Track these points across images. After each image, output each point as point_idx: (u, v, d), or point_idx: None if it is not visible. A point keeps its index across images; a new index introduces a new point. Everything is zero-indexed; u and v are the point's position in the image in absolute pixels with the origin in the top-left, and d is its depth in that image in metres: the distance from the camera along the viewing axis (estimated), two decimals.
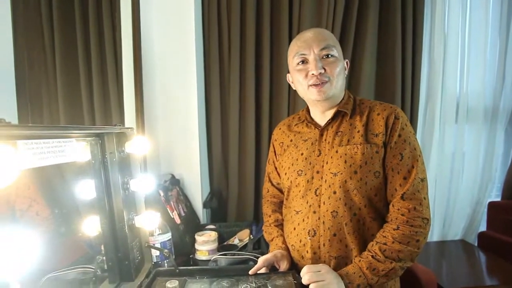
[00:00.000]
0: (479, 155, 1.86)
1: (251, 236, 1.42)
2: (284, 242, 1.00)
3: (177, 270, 0.91)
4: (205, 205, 1.64)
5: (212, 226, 1.49)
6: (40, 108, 1.13)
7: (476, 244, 1.92)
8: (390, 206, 0.86)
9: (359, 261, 0.82)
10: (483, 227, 1.95)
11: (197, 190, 1.60)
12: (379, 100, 0.91)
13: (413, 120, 1.72)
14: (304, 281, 0.78)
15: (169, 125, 1.57)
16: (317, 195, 0.89)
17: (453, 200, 1.88)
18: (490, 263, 1.70)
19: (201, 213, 1.61)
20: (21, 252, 0.97)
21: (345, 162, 0.86)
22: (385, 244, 0.81)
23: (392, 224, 0.83)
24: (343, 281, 0.79)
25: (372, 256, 0.81)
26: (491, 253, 1.76)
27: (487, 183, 1.87)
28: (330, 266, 0.86)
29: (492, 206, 1.93)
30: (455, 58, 1.80)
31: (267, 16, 1.65)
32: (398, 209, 0.83)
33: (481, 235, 1.91)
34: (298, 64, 0.90)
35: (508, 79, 1.84)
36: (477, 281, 1.56)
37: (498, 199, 1.98)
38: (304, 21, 1.63)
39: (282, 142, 1.05)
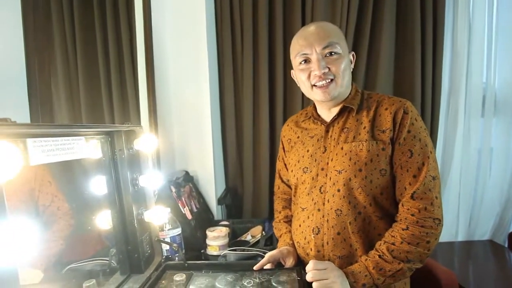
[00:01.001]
0: (508, 151, 1.73)
1: (263, 232, 1.43)
2: (291, 238, 0.99)
3: (186, 264, 0.94)
4: (219, 201, 1.66)
5: (225, 222, 1.52)
6: (50, 108, 1.20)
7: (506, 245, 1.80)
8: (400, 206, 0.83)
9: (366, 260, 0.80)
10: None
11: (211, 187, 1.63)
12: (397, 93, 0.87)
13: (434, 114, 1.63)
14: (308, 278, 0.78)
15: (183, 123, 1.60)
16: (321, 193, 0.87)
17: (480, 198, 1.77)
18: None
19: (215, 210, 1.64)
20: (45, 245, 1.04)
21: (350, 159, 0.84)
22: (393, 244, 0.78)
23: (402, 224, 0.80)
24: (348, 280, 0.77)
25: (379, 256, 0.79)
26: None
27: None
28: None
29: None
30: (481, 45, 1.67)
31: (280, 11, 1.63)
32: (408, 209, 0.80)
33: (511, 236, 1.78)
34: (300, 63, 0.88)
35: None
36: (507, 285, 1.46)
37: None
38: (318, 14, 1.60)
39: (290, 139, 1.05)
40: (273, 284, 0.80)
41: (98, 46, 1.55)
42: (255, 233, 1.45)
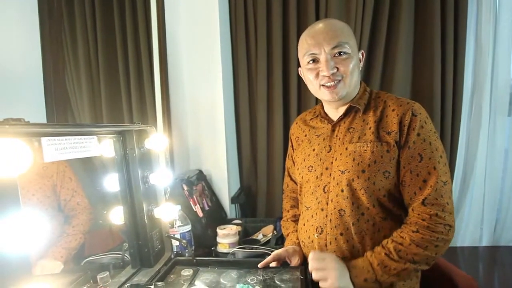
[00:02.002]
0: None
1: (274, 231, 1.43)
2: (298, 237, 0.99)
3: (194, 260, 0.96)
4: (233, 200, 1.69)
5: (238, 221, 1.53)
6: (65, 108, 1.27)
7: None
8: (410, 210, 0.80)
9: (371, 255, 0.78)
10: None
11: (224, 186, 1.65)
12: (415, 92, 0.82)
13: (456, 112, 1.56)
14: (310, 268, 0.78)
15: (197, 123, 1.64)
16: (325, 192, 0.87)
17: (506, 201, 1.67)
18: None
19: (228, 208, 1.66)
20: (66, 238, 1.10)
21: (354, 160, 0.82)
22: (401, 244, 0.76)
23: (412, 226, 0.77)
24: (350, 273, 0.77)
25: (386, 254, 0.77)
26: None
27: None
28: None
29: None
30: (507, 39, 1.58)
31: (294, 11, 1.63)
32: (419, 214, 0.77)
33: None
34: (308, 63, 0.86)
35: None
36: None
37: None
38: (332, 12, 1.59)
39: (298, 137, 1.04)
40: (276, 282, 0.80)
41: (118, 49, 1.63)
42: (266, 232, 1.46)
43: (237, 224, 1.45)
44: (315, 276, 0.77)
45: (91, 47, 1.61)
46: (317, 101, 1.68)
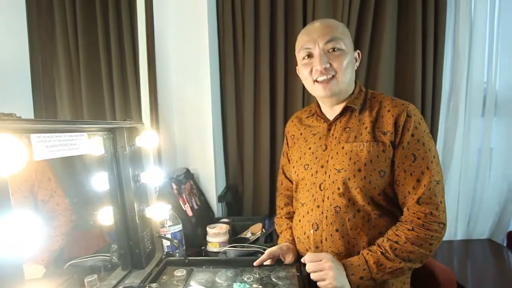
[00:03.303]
0: (508, 151, 1.74)
1: (263, 229, 1.44)
2: (292, 235, 1.00)
3: (187, 260, 0.95)
4: (220, 199, 1.67)
5: (225, 220, 1.53)
6: (54, 104, 1.21)
7: (505, 244, 1.80)
8: (405, 209, 0.83)
9: (367, 254, 0.80)
10: None
11: (212, 184, 1.64)
12: (398, 91, 0.86)
13: (434, 113, 1.64)
14: (307, 269, 0.80)
15: (184, 121, 1.61)
16: (321, 190, 0.88)
17: (479, 197, 1.77)
18: None
19: (216, 207, 1.65)
20: (46, 240, 1.05)
21: (350, 159, 0.84)
22: (397, 242, 0.79)
23: (407, 224, 0.80)
24: (346, 271, 0.78)
25: (382, 253, 0.79)
26: None
27: None
28: None
29: None
30: (482, 45, 1.67)
31: (281, 9, 1.64)
32: (414, 213, 0.80)
33: (510, 235, 1.79)
34: (303, 58, 0.88)
35: None
36: (506, 284, 1.46)
37: None
38: (319, 12, 1.61)
39: (293, 135, 1.05)
40: (273, 279, 0.81)
41: (100, 43, 1.55)
42: (255, 230, 1.46)
43: (225, 223, 1.44)
44: (313, 277, 0.79)
45: (71, 41, 1.53)
46: (304, 100, 1.70)
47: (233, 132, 1.75)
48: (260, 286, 0.77)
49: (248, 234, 1.44)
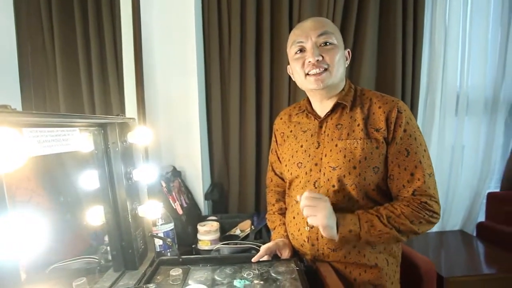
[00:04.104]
0: (478, 147, 1.87)
1: (252, 226, 1.44)
2: (286, 230, 1.01)
3: (180, 259, 0.92)
4: (206, 197, 1.65)
5: (213, 218, 1.51)
6: (43, 97, 1.13)
7: (474, 235, 1.94)
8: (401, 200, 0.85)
9: (362, 213, 0.83)
10: (481, 218, 1.97)
11: (198, 182, 1.61)
12: (379, 90, 0.89)
13: (413, 112, 1.72)
14: (301, 204, 0.81)
15: (170, 117, 1.57)
16: (316, 187, 0.89)
17: (452, 192, 1.90)
18: (488, 253, 1.72)
19: (203, 205, 1.62)
20: (25, 243, 0.98)
21: (345, 156, 0.85)
22: (392, 212, 0.81)
23: (404, 202, 0.83)
24: (337, 221, 0.81)
25: (376, 215, 0.81)
26: (489, 243, 1.78)
27: (486, 175, 1.88)
28: (328, 258, 0.88)
29: (491, 196, 1.94)
30: (455, 49, 1.79)
31: (267, 8, 1.64)
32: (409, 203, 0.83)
33: (479, 226, 1.93)
34: (296, 53, 0.88)
35: (509, 70, 1.83)
36: (475, 270, 1.58)
37: (497, 190, 1.99)
38: (305, 12, 1.62)
39: (283, 132, 1.05)
40: (273, 274, 0.81)
41: (78, 35, 1.47)
42: (244, 228, 1.46)
43: (213, 221, 1.42)
44: (305, 212, 0.80)
45: (46, 33, 1.43)
46: (289, 98, 1.71)
47: (218, 129, 1.73)
48: (262, 282, 0.77)
49: (237, 231, 1.44)
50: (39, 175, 1.06)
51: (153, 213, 0.93)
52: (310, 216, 0.80)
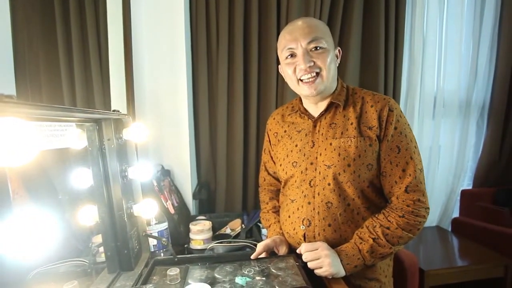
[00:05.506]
0: (453, 147, 1.99)
1: (243, 225, 1.44)
2: (281, 228, 1.01)
3: (176, 259, 0.91)
4: (194, 196, 1.63)
5: (203, 217, 1.49)
6: (40, 87, 1.06)
7: (450, 230, 2.06)
8: (394, 198, 0.87)
9: (360, 243, 0.84)
10: (456, 214, 2.09)
11: (187, 182, 1.59)
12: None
13: None
14: (304, 259, 0.83)
15: (158, 116, 1.54)
16: (311, 186, 0.90)
17: (430, 190, 2.00)
18: (462, 247, 1.83)
19: (191, 205, 1.60)
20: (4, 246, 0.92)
21: (339, 155, 0.87)
22: (388, 228, 0.83)
23: (398, 211, 0.84)
24: (341, 261, 0.83)
25: (374, 239, 0.83)
26: (463, 238, 1.90)
27: (460, 173, 2.01)
28: None
29: (464, 193, 2.07)
30: (433, 55, 1.90)
31: (255, 6, 1.64)
32: (403, 201, 0.85)
33: (454, 221, 2.05)
34: (286, 58, 0.89)
35: (480, 75, 1.97)
36: (450, 262, 1.69)
37: (470, 187, 2.13)
38: (292, 12, 1.65)
39: (276, 132, 1.05)
40: (273, 271, 0.81)
41: (58, 29, 1.40)
42: (234, 226, 1.46)
43: (203, 220, 1.41)
44: (310, 265, 0.82)
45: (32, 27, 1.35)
46: (277, 97, 1.73)
47: (205, 128, 1.71)
48: (264, 278, 0.78)
49: (227, 230, 1.43)
50: (28, 175, 1.00)
51: (148, 212, 0.91)
52: (317, 269, 0.82)
